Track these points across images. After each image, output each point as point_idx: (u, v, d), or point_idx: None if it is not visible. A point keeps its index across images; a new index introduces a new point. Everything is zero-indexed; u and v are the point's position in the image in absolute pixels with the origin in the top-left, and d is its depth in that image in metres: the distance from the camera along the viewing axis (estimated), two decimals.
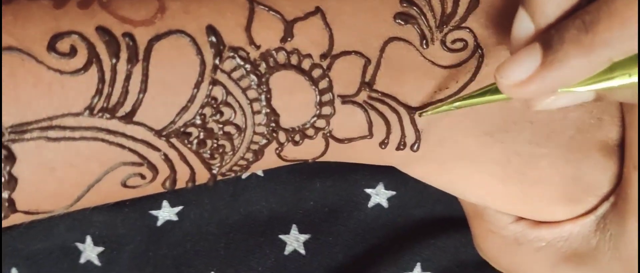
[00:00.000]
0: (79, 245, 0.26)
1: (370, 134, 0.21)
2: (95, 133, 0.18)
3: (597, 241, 0.22)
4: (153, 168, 0.19)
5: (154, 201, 0.26)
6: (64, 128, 0.17)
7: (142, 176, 0.19)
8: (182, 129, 0.19)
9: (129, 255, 0.26)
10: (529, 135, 0.22)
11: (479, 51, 0.21)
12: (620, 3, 0.16)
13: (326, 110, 0.20)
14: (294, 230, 0.27)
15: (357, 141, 0.21)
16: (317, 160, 0.22)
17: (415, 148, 0.21)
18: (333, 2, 0.20)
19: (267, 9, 0.19)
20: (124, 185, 0.19)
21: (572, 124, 0.22)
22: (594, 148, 0.22)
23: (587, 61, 0.17)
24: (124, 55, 0.18)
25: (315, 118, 0.20)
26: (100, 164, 0.18)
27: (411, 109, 0.21)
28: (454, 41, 0.21)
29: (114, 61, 0.18)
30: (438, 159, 0.22)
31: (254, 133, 0.20)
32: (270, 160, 0.21)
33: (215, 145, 0.19)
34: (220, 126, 0.19)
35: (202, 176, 0.20)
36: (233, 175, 0.21)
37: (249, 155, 0.20)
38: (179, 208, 0.26)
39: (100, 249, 0.26)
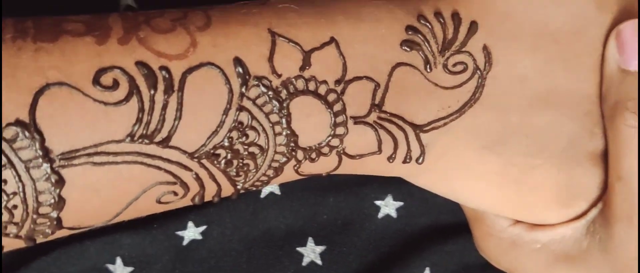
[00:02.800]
0: (110, 266, 0.28)
1: (380, 151, 0.23)
2: (135, 157, 0.20)
3: (588, 244, 0.24)
4: (185, 186, 0.21)
5: (180, 222, 0.28)
6: (107, 153, 0.19)
7: (175, 193, 0.21)
8: (211, 151, 0.21)
9: None
10: (524, 147, 0.24)
11: (478, 72, 0.23)
12: None
13: (340, 130, 0.22)
14: (311, 242, 0.29)
15: (367, 157, 0.23)
16: (330, 174, 0.24)
17: (420, 161, 0.23)
18: (346, 31, 0.22)
19: (287, 40, 0.21)
20: (159, 202, 0.21)
21: (566, 137, 0.24)
22: (585, 158, 0.24)
23: None
24: (161, 86, 0.20)
25: (330, 138, 0.22)
26: (139, 185, 0.20)
27: (416, 127, 0.23)
28: (455, 64, 0.23)
29: (152, 92, 0.20)
30: (441, 170, 0.24)
31: (275, 152, 0.22)
32: (288, 175, 0.23)
33: (240, 164, 0.21)
34: (246, 147, 0.21)
35: (227, 191, 0.22)
36: (254, 189, 0.23)
37: (270, 172, 0.22)
38: (203, 227, 0.28)
39: (130, 269, 0.28)
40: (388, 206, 0.30)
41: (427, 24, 0.23)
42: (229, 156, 0.21)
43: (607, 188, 0.24)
